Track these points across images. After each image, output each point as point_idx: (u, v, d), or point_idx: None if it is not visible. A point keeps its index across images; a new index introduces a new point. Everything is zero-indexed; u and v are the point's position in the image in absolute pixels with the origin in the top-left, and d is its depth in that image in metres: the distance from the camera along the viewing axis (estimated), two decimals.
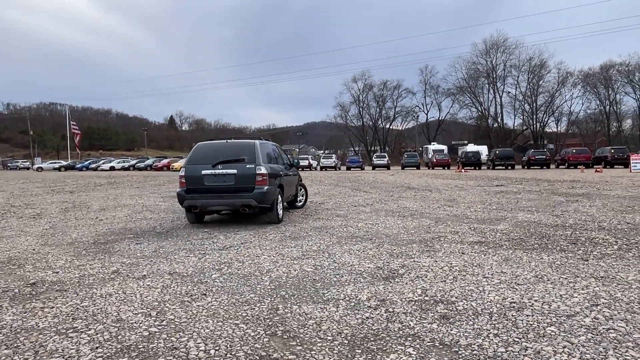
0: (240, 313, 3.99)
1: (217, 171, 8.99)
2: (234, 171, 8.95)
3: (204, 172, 9.02)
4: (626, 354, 3.05)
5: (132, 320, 3.86)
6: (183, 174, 9.22)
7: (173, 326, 3.70)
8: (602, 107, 72.34)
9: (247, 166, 8.98)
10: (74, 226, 9.56)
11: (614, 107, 71.82)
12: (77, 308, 4.20)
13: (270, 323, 3.75)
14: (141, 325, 3.74)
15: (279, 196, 9.56)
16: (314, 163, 55.91)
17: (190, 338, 3.45)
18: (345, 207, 11.96)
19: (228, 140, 9.77)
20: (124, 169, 63.26)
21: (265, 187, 8.90)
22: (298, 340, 3.39)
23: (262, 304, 4.23)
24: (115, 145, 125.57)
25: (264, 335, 3.50)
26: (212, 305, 4.21)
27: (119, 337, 3.51)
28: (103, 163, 66.56)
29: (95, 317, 3.94)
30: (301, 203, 12.22)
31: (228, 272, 5.41)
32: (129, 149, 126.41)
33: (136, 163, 65.29)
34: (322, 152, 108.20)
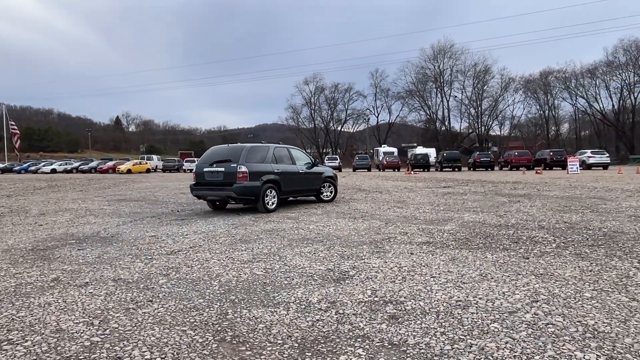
0: (188, 319, 3.90)
1: (212, 169, 11.42)
2: (222, 169, 11.21)
3: (204, 169, 11.55)
4: (563, 347, 3.19)
5: (73, 330, 3.69)
6: (194, 170, 11.95)
7: (117, 335, 3.57)
8: (541, 112, 76.05)
9: (232, 165, 11.08)
10: (10, 232, 9.05)
11: (553, 112, 75.68)
12: (13, 319, 3.97)
13: (219, 328, 3.68)
14: (82, 335, 3.58)
15: (270, 190, 11.45)
16: None
17: (135, 347, 3.33)
18: (297, 210, 11.95)
19: (229, 145, 12.23)
20: (66, 171, 60.60)
21: (245, 183, 10.88)
22: (247, 345, 3.34)
23: (211, 309, 4.15)
24: (57, 146, 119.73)
25: (212, 341, 3.43)
26: (159, 312, 4.09)
27: (59, 348, 3.34)
28: (44, 165, 63.32)
29: (32, 328, 3.74)
30: (329, 197, 13.86)
31: (176, 278, 5.28)
32: (72, 150, 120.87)
33: (79, 165, 62.66)
34: None
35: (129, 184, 26.90)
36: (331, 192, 13.98)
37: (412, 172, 39.17)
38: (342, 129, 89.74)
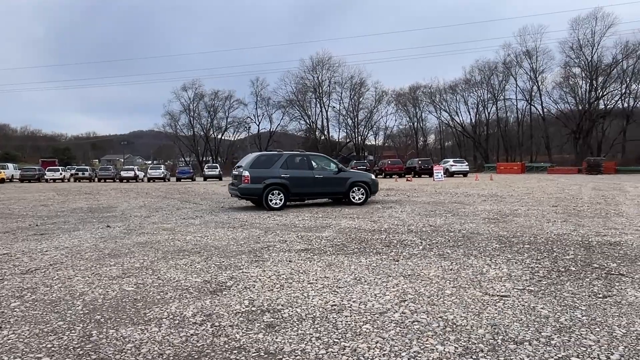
0: (44, 345, 3.52)
1: (235, 172, 14.70)
2: (237, 173, 14.20)
3: (234, 172, 14.88)
4: (426, 342, 3.44)
5: None
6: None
7: None
8: (411, 123, 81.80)
9: (241, 170, 13.82)
10: None
11: (421, 124, 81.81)
12: None
13: (81, 352, 3.37)
14: None
15: (275, 192, 13.50)
16: (141, 174, 52.64)
17: None
18: (173, 220, 11.47)
19: (253, 153, 15.50)
20: None
21: (247, 185, 13.37)
22: None
23: (73, 331, 3.80)
24: None
25: None
26: (9, 339, 3.64)
27: None
28: None
29: None
30: (359, 200, 14.53)
31: (32, 299, 4.75)
32: None
33: None
34: (150, 162, 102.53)
35: None
36: (363, 195, 14.63)
37: None
38: (223, 137, 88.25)
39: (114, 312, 4.28)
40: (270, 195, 13.48)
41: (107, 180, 48.78)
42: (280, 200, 13.58)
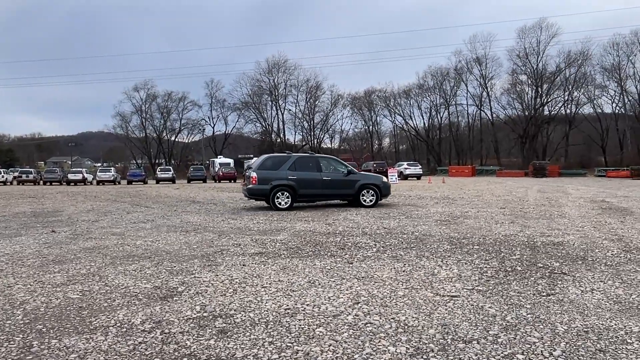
0: None
1: (246, 174, 15.43)
2: (247, 174, 14.83)
3: (245, 174, 16.06)
4: (379, 343, 3.47)
5: None
6: None
7: None
8: (367, 127, 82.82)
9: (250, 171, 14.55)
10: None
11: (376, 127, 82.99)
12: None
13: None
14: None
15: (281, 193, 13.93)
16: (90, 177, 50.78)
17: None
18: (123, 224, 11.11)
19: (263, 155, 16.64)
20: None
21: (255, 185, 13.91)
22: None
23: (12, 342, 3.60)
24: None
25: None
26: None
27: None
28: None
29: None
30: (369, 203, 14.53)
31: None
32: None
33: None
34: (99, 164, 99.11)
35: None
36: (373, 197, 14.65)
37: None
38: (177, 139, 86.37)
39: (57, 321, 4.10)
40: (277, 195, 13.94)
41: (53, 184, 46.71)
42: (288, 200, 13.99)
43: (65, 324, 4.04)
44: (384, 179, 15.84)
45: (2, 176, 48.75)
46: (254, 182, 13.94)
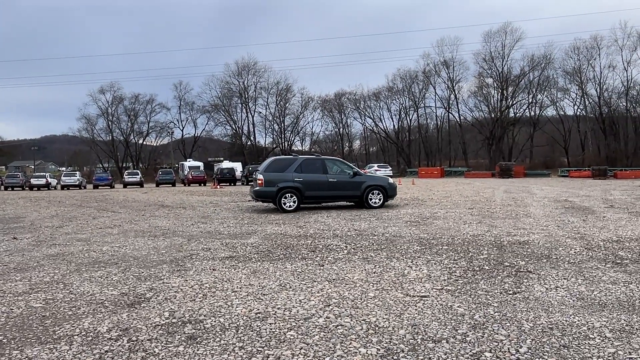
0: None
1: (253, 176, 16.47)
2: (255, 176, 15.42)
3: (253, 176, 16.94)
4: (350, 345, 3.48)
5: None
6: None
7: None
8: (337, 129, 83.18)
9: (257, 173, 14.98)
10: None
11: (346, 130, 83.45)
12: None
13: None
14: None
15: (288, 195, 14.06)
16: (54, 181, 49.34)
17: None
18: (89, 230, 10.83)
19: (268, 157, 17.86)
20: None
21: (261, 187, 14.11)
22: None
23: None
24: None
25: None
26: None
27: None
28: None
29: None
30: (377, 204, 14.46)
31: None
32: None
33: None
34: (64, 169, 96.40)
35: None
36: (380, 198, 14.63)
37: (218, 187, 39.01)
38: (145, 142, 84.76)
39: (18, 332, 3.96)
40: (283, 197, 14.08)
41: (15, 189, 45.13)
42: (294, 202, 14.13)
43: (27, 334, 3.91)
44: (390, 180, 15.76)
45: None
46: (260, 184, 14.13)
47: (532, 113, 64.86)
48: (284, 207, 14.05)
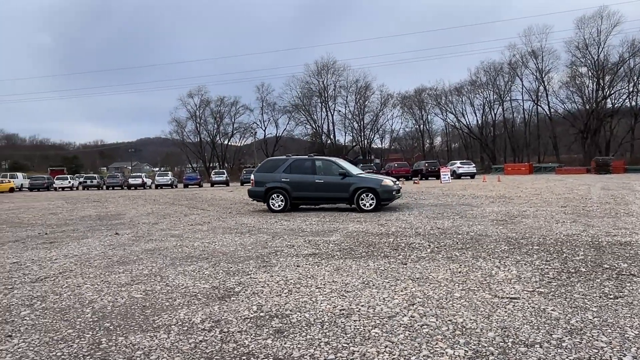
0: (54, 353, 3.54)
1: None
2: (249, 176, 17.29)
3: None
4: (436, 346, 3.41)
5: None
6: None
7: None
8: (417, 126, 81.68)
9: (251, 173, 16.41)
10: None
11: (427, 126, 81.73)
12: None
13: None
14: None
15: (276, 195, 14.32)
16: (149, 181, 52.90)
17: None
18: (181, 227, 11.50)
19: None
20: None
21: (252, 187, 14.80)
22: None
23: (82, 339, 3.81)
24: None
25: None
26: (20, 348, 3.66)
27: None
28: None
29: None
30: (369, 207, 13.51)
31: (42, 308, 4.78)
32: None
33: None
34: (157, 169, 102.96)
35: None
36: (373, 201, 13.52)
37: None
38: (229, 143, 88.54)
39: (122, 320, 4.30)
40: (271, 198, 14.42)
41: (115, 188, 49.02)
42: (282, 202, 14.31)
43: (130, 322, 4.23)
44: (385, 181, 14.01)
45: (69, 182, 51.75)
46: (252, 184, 14.83)
47: (633, 103, 59.62)
48: (273, 207, 14.36)
